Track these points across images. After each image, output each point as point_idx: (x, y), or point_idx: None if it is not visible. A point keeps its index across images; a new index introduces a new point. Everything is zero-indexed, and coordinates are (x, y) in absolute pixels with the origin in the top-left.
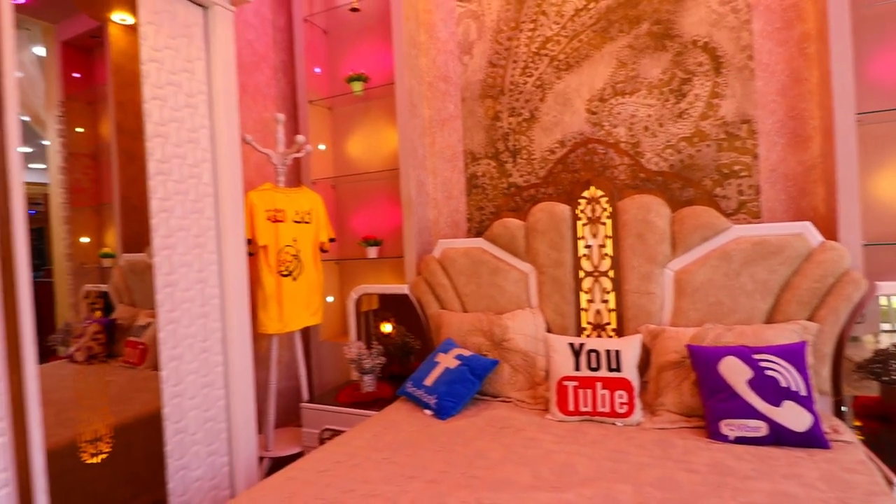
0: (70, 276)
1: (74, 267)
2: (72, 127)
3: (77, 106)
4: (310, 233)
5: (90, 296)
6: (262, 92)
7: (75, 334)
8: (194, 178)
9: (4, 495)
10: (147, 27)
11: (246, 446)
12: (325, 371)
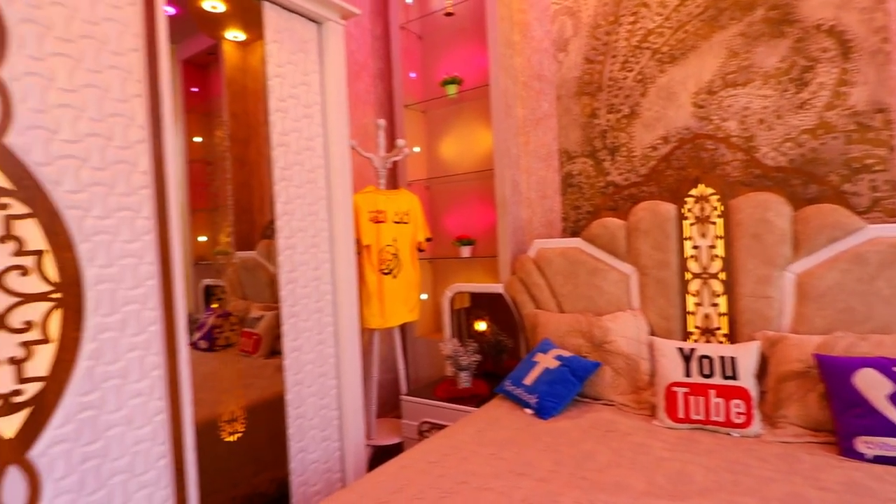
0: (190, 271)
1: (194, 263)
2: (190, 136)
3: (195, 117)
4: (408, 232)
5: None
6: (362, 99)
7: (197, 325)
8: (311, 182)
9: (163, 465)
10: (272, 45)
11: (355, 433)
12: (420, 366)
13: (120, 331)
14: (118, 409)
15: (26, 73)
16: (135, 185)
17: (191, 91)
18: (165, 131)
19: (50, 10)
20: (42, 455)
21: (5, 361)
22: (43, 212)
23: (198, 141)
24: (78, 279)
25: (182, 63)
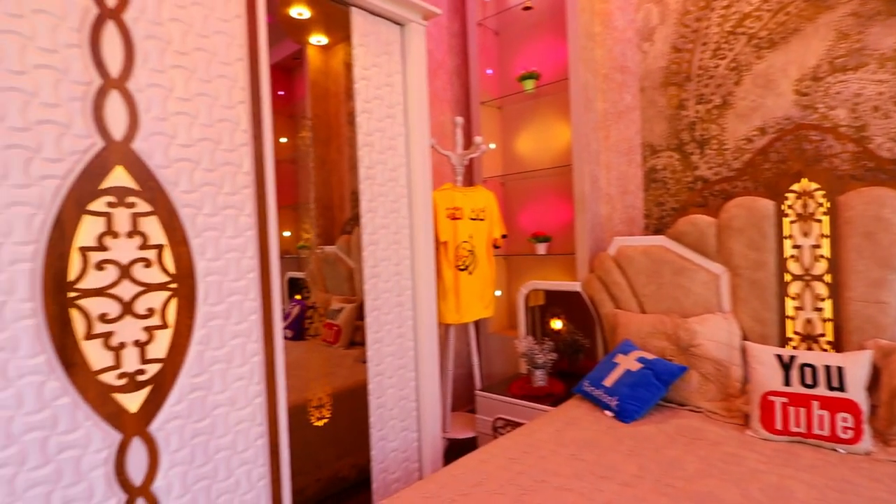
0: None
1: (279, 257)
2: (277, 137)
3: (281, 119)
4: (484, 229)
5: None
6: (438, 96)
7: (283, 315)
8: (393, 181)
9: (260, 445)
10: (358, 49)
11: (432, 425)
12: (493, 362)
13: (225, 319)
14: (223, 390)
15: (149, 85)
16: (239, 184)
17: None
18: (265, 134)
19: (169, 26)
20: (160, 429)
21: (131, 344)
22: (163, 210)
23: (283, 142)
24: (191, 271)
25: (270, 67)
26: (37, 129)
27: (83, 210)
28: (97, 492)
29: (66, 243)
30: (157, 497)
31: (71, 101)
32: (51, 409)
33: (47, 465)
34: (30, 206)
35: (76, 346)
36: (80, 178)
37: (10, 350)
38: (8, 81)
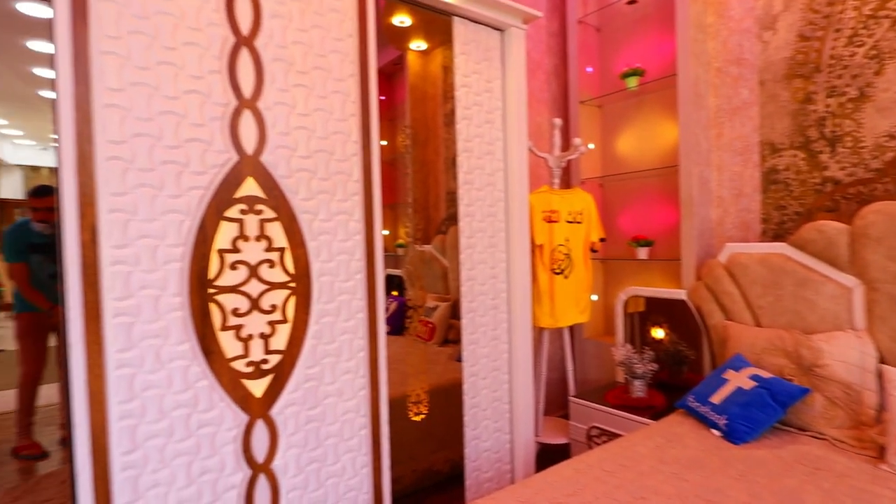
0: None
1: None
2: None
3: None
4: (581, 232)
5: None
6: (535, 97)
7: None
8: (490, 185)
9: (363, 434)
10: (460, 57)
11: (525, 428)
12: (587, 368)
13: (335, 316)
14: (332, 382)
15: (276, 103)
16: (349, 191)
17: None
18: (373, 144)
19: (292, 48)
20: (279, 413)
21: (258, 336)
22: (285, 216)
23: (383, 144)
24: (307, 272)
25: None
26: (186, 147)
27: (221, 216)
28: (228, 465)
29: (207, 245)
30: (276, 475)
31: (213, 121)
32: (193, 389)
33: (189, 438)
34: (180, 213)
35: (214, 336)
36: (219, 188)
37: (163, 337)
38: (165, 106)
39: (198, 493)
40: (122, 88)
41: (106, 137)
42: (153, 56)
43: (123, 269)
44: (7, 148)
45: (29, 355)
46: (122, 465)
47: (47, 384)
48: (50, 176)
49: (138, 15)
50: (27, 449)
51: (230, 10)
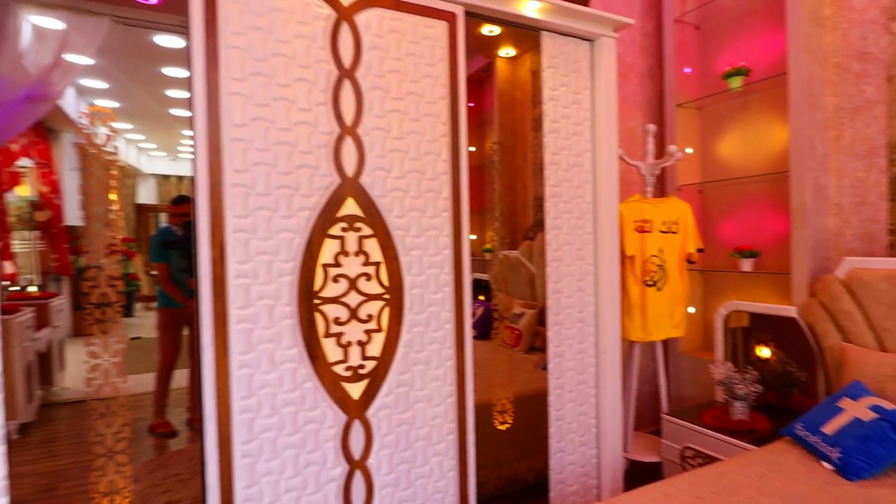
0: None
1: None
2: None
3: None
4: (676, 243)
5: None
6: (627, 101)
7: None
8: (578, 198)
9: (451, 439)
10: (548, 71)
11: (612, 443)
12: (682, 384)
13: (425, 326)
14: (422, 388)
15: (374, 129)
16: (439, 208)
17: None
18: (462, 163)
19: (388, 77)
20: (374, 415)
21: (356, 343)
22: (380, 233)
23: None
24: (400, 284)
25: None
26: (297, 173)
27: (325, 234)
28: (329, 460)
29: (313, 260)
30: (371, 471)
31: (319, 148)
32: (300, 390)
33: (296, 433)
34: (291, 231)
35: (318, 342)
36: (324, 208)
37: (276, 342)
38: (279, 137)
39: (303, 483)
40: (245, 124)
41: (232, 167)
42: (270, 93)
43: (244, 281)
44: (144, 160)
45: (166, 345)
46: (241, 453)
47: (180, 370)
48: (178, 184)
49: (258, 58)
50: (161, 427)
51: (334, 46)
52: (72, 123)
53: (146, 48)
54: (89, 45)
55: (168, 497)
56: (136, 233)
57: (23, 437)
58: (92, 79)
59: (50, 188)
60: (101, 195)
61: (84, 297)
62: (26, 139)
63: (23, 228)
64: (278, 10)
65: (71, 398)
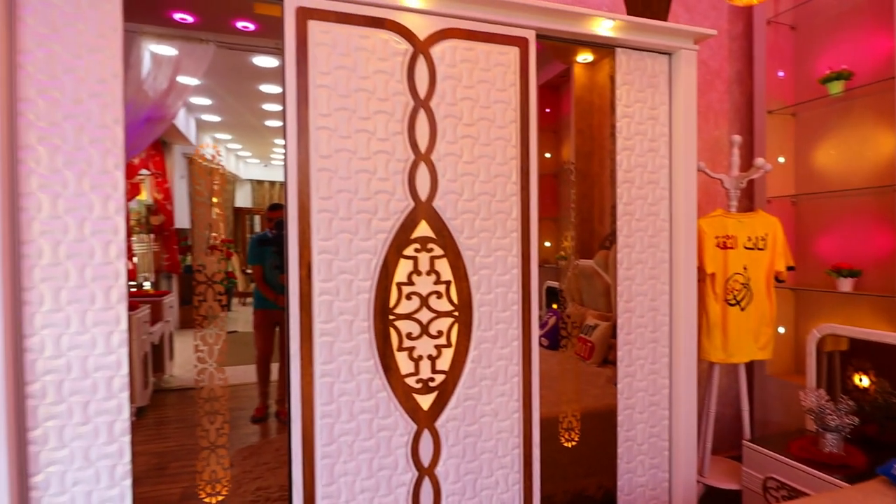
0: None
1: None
2: (542, 152)
3: (546, 135)
4: (764, 260)
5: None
6: (713, 109)
7: (540, 323)
8: (653, 216)
9: (516, 453)
10: (622, 88)
11: (686, 468)
12: (769, 408)
13: (493, 343)
14: (489, 402)
15: (446, 154)
16: (508, 229)
17: (544, 112)
18: (532, 185)
19: (461, 104)
20: (442, 426)
21: (426, 357)
22: (451, 253)
23: (547, 156)
24: (469, 302)
25: (538, 88)
26: (375, 198)
27: (400, 255)
28: (400, 465)
29: (388, 279)
30: (439, 479)
31: (395, 175)
32: (375, 399)
33: (371, 438)
34: (368, 253)
35: (392, 355)
36: (398, 231)
37: (354, 354)
38: (360, 166)
39: (376, 485)
40: (330, 155)
41: (319, 195)
42: (353, 126)
43: (328, 298)
44: (241, 166)
45: (260, 342)
46: (322, 454)
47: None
48: (270, 188)
49: (343, 94)
50: (257, 412)
51: (411, 78)
52: (182, 136)
53: (245, 68)
54: (198, 69)
55: (258, 483)
56: (234, 234)
57: (138, 420)
58: (198, 97)
59: (163, 195)
60: (205, 200)
61: (192, 293)
62: (144, 152)
63: (140, 232)
64: (362, 48)
65: (178, 385)
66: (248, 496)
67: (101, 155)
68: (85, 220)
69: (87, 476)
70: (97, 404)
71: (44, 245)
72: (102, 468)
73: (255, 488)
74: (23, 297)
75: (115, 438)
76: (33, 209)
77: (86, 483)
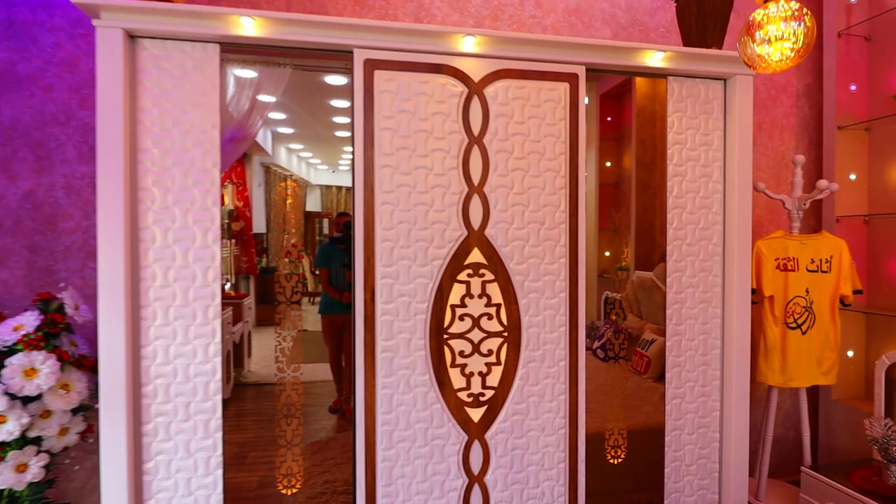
0: (595, 283)
1: (598, 276)
2: (603, 161)
3: (608, 144)
4: (828, 283)
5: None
6: (778, 124)
7: (597, 334)
8: (705, 240)
9: (561, 467)
10: (673, 116)
11: (736, 492)
12: (834, 435)
13: (540, 362)
14: (536, 418)
15: (498, 186)
16: (556, 255)
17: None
18: (580, 211)
19: (512, 139)
20: (491, 438)
21: (477, 373)
22: (501, 278)
23: (608, 166)
24: (518, 324)
25: (600, 97)
26: (431, 228)
27: (454, 279)
28: (451, 472)
29: (443, 302)
30: (487, 487)
31: (450, 206)
32: (430, 410)
33: (426, 446)
34: (425, 278)
35: (445, 370)
36: (452, 257)
37: (411, 369)
38: (418, 199)
39: (430, 489)
40: (392, 190)
41: (382, 226)
42: (412, 163)
43: (388, 318)
44: (311, 172)
45: (330, 346)
46: (382, 457)
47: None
48: (338, 193)
49: (404, 135)
50: (333, 405)
51: (465, 118)
52: (260, 148)
53: (317, 85)
54: (276, 89)
55: (326, 477)
56: (305, 237)
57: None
58: (275, 112)
59: (243, 203)
60: (279, 206)
61: (268, 293)
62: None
63: (223, 237)
64: (421, 93)
65: (255, 381)
66: (318, 488)
67: (202, 194)
68: (188, 249)
69: (188, 465)
70: (196, 405)
71: (157, 270)
72: (199, 459)
73: (323, 481)
74: (140, 313)
75: (210, 434)
76: (149, 240)
77: (186, 471)
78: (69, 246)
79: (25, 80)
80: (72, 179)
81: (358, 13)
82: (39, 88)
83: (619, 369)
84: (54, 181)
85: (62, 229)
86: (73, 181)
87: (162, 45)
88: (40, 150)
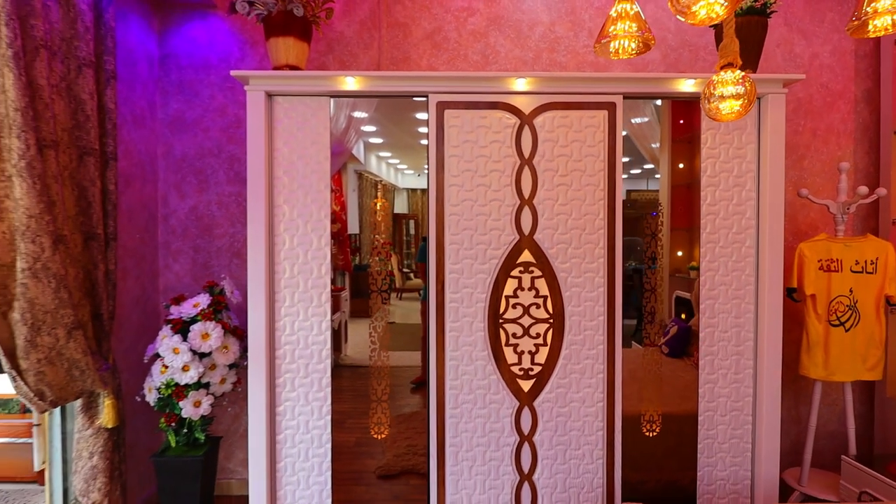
0: (668, 280)
1: (671, 275)
2: (676, 163)
3: (680, 146)
4: (873, 283)
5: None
6: (834, 130)
7: (664, 330)
8: (737, 243)
9: (600, 435)
10: (707, 133)
11: (767, 470)
12: (890, 430)
13: (581, 345)
14: (577, 392)
15: (544, 199)
16: (595, 256)
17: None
18: (617, 221)
19: (557, 160)
20: (539, 405)
21: (527, 352)
22: (548, 274)
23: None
24: (562, 312)
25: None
26: (489, 234)
27: (508, 275)
28: (505, 430)
29: (498, 293)
30: (536, 445)
31: (504, 216)
32: (488, 380)
33: (485, 408)
34: (484, 273)
35: (501, 349)
36: (507, 257)
37: (473, 346)
38: (479, 210)
39: (488, 443)
40: (458, 203)
41: (450, 232)
42: (474, 182)
43: (455, 305)
44: (399, 177)
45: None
46: (450, 415)
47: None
48: (422, 196)
49: (468, 160)
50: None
51: (518, 144)
52: (354, 157)
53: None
54: (369, 107)
55: (408, 442)
56: (393, 237)
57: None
58: (367, 126)
59: (340, 207)
60: (370, 209)
61: (361, 288)
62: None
63: None
64: (482, 126)
65: (350, 363)
66: (402, 449)
67: (317, 209)
68: (308, 250)
69: (306, 410)
70: (312, 366)
71: (286, 266)
72: (315, 406)
73: (406, 445)
74: (275, 297)
75: (322, 388)
76: (280, 244)
77: (305, 415)
78: (220, 247)
79: (191, 124)
80: (222, 197)
81: (435, 55)
82: (200, 129)
83: (684, 365)
84: (210, 199)
85: (215, 234)
86: (223, 198)
87: (289, 100)
88: (200, 175)
